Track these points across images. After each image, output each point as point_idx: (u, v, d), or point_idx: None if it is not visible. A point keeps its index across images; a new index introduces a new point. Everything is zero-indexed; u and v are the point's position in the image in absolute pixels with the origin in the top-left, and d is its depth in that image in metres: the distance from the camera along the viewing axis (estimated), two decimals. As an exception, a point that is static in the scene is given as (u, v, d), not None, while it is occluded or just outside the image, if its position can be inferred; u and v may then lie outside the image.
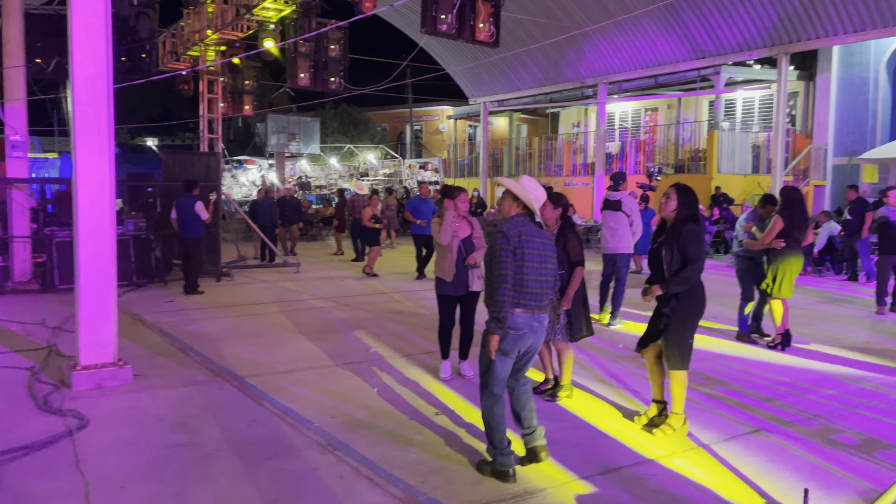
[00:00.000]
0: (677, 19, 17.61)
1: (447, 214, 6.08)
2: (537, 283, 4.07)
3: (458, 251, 6.03)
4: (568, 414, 5.30)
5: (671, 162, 20.56)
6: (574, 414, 5.29)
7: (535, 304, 4.09)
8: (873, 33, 15.31)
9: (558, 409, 5.39)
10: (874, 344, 7.69)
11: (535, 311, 4.09)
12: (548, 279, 4.13)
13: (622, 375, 6.37)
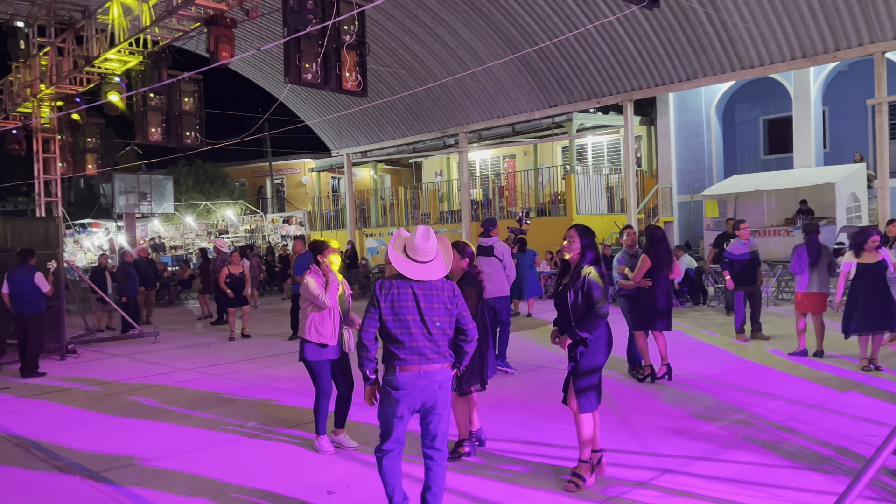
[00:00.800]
0: (529, 70, 18.42)
1: (329, 273, 5.70)
2: (417, 337, 3.89)
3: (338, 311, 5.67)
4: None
5: (533, 206, 21.23)
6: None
7: (420, 360, 3.91)
8: (704, 81, 16.75)
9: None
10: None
11: (420, 368, 3.89)
12: (432, 333, 3.91)
13: (542, 431, 6.17)
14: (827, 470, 4.72)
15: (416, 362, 3.88)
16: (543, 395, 7.11)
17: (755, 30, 15.07)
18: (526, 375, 8.24)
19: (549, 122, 20.96)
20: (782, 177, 18.88)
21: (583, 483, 4.62)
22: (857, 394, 6.73)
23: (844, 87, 20.47)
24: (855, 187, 17.82)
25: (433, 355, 3.90)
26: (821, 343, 8.62)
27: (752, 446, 5.29)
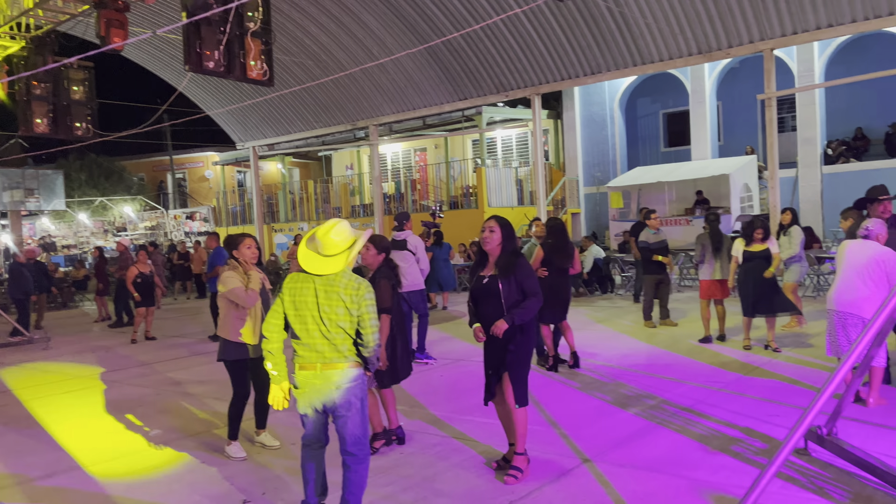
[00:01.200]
0: (439, 63, 18.37)
1: (249, 269, 5.44)
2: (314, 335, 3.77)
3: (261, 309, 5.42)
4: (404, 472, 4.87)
5: (445, 199, 21.25)
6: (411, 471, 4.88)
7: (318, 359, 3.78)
8: (608, 75, 17.17)
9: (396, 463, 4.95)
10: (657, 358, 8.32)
11: (321, 368, 3.76)
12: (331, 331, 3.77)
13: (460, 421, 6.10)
14: (736, 451, 4.89)
15: (315, 361, 3.77)
16: (463, 388, 7.07)
17: (655, 26, 15.58)
18: (443, 369, 8.18)
19: (459, 116, 21.01)
20: (681, 168, 19.70)
21: (521, 475, 4.60)
22: (760, 378, 7.04)
23: (736, 83, 21.56)
24: (747, 178, 18.80)
25: (332, 354, 3.76)
26: (723, 327, 9.00)
27: (666, 431, 5.43)
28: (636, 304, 12.39)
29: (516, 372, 4.66)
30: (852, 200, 16.75)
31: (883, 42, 18.67)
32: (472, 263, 5.00)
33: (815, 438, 4.56)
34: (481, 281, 4.73)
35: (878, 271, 5.58)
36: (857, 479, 4.23)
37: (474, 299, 4.78)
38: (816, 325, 9.58)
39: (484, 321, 4.68)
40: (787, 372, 7.12)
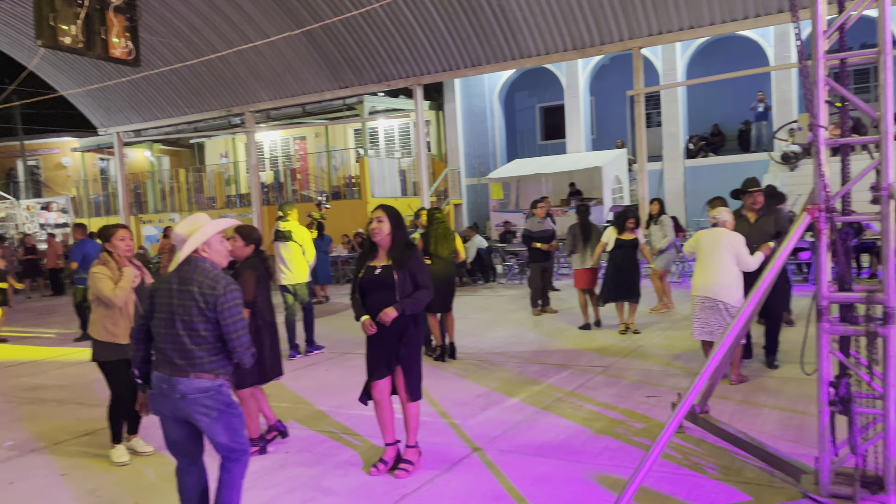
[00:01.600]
0: (318, 50, 17.92)
1: (123, 264, 5.02)
2: (165, 339, 3.39)
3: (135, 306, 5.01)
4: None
5: (327, 189, 20.83)
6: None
7: (166, 364, 3.40)
8: (488, 68, 17.44)
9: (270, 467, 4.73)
10: (545, 345, 8.53)
11: (169, 373, 3.37)
12: (180, 335, 3.36)
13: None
14: (618, 433, 5.08)
15: (164, 365, 3.39)
16: (351, 382, 6.92)
17: (532, 21, 15.96)
18: (330, 363, 8.00)
19: (340, 104, 20.64)
20: (557, 161, 20.37)
21: (413, 468, 4.54)
22: (636, 360, 7.38)
23: (607, 79, 22.53)
24: (618, 170, 19.73)
25: (180, 361, 3.35)
26: (597, 313, 9.38)
27: (552, 416, 5.55)
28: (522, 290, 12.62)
29: (411, 365, 4.59)
30: (711, 191, 17.94)
31: (737, 45, 20.11)
32: (359, 254, 4.79)
33: (690, 417, 4.81)
34: (373, 272, 4.58)
35: (728, 255, 6.00)
36: (728, 454, 4.50)
37: (363, 291, 4.63)
38: (683, 308, 10.19)
39: (374, 313, 4.53)
40: (660, 354, 7.51)
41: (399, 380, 4.58)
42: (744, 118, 20.78)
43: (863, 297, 3.29)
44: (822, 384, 3.41)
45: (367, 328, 4.53)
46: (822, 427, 3.43)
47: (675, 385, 6.21)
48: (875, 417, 3.38)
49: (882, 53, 3.14)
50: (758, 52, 19.62)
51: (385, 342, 4.53)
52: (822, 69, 3.24)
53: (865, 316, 3.31)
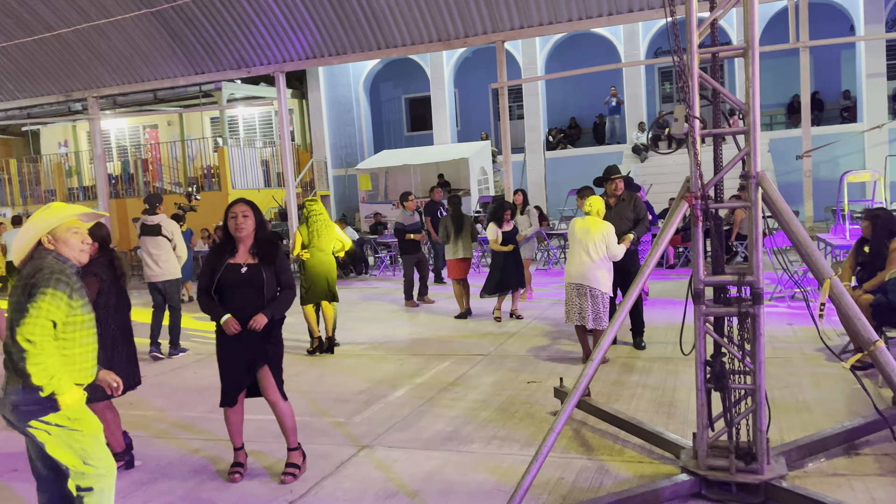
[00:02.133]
0: (171, 33, 16.83)
1: None
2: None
3: None
4: (148, 493, 4.29)
5: (183, 180, 19.66)
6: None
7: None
8: (353, 57, 17.14)
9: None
10: (418, 335, 8.48)
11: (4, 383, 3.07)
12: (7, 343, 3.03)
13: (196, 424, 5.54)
14: (505, 420, 5.13)
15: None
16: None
17: (398, 11, 15.87)
18: (197, 366, 7.54)
19: (196, 91, 19.53)
20: (425, 152, 20.46)
21: (299, 471, 4.35)
22: (512, 346, 7.52)
23: (470, 72, 22.89)
24: (483, 162, 20.13)
25: (7, 371, 3.03)
26: (468, 302, 9.48)
27: (437, 408, 5.52)
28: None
29: (278, 365, 4.37)
30: (571, 182, 18.55)
31: (592, 42, 21.10)
32: (212, 250, 4.42)
33: (573, 400, 4.94)
34: (237, 270, 4.27)
35: (600, 243, 6.25)
36: (610, 435, 4.66)
37: (222, 289, 4.27)
38: (550, 294, 10.55)
39: (237, 313, 4.22)
40: (535, 339, 7.70)
41: (268, 380, 4.30)
42: (598, 112, 21.87)
43: (735, 280, 3.50)
44: (699, 363, 3.59)
45: (231, 327, 4.20)
46: (699, 404, 3.62)
47: (552, 370, 6.38)
48: (746, 392, 3.61)
49: (750, 48, 3.33)
50: (611, 50, 20.69)
51: (247, 344, 4.24)
52: (695, 62, 3.39)
53: (737, 297, 3.52)
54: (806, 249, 3.28)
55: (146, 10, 15.40)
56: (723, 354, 3.60)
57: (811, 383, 5.40)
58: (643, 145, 19.77)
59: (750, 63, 3.32)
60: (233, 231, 4.27)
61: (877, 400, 4.81)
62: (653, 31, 20.39)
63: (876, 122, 17.67)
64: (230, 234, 4.30)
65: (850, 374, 5.62)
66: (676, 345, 6.99)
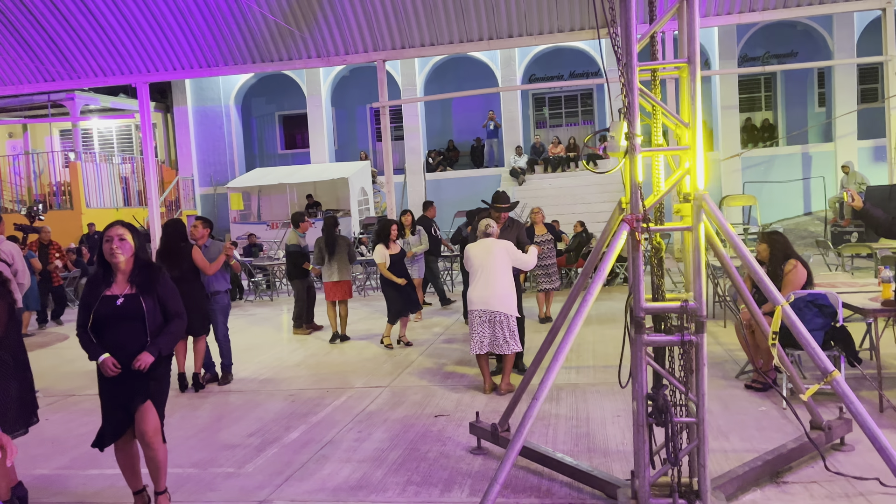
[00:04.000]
0: (17, 36, 15.17)
1: None
2: None
3: None
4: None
5: (27, 198, 17.72)
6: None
7: None
8: (224, 69, 16.25)
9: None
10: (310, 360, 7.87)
11: None
12: None
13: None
14: (419, 462, 4.70)
15: None
16: (81, 433, 5.63)
17: (274, 25, 15.20)
18: (49, 409, 6.50)
19: (44, 100, 17.73)
20: (302, 171, 19.72)
21: None
22: (413, 376, 7.10)
23: (348, 91, 22.44)
24: (363, 182, 19.69)
25: None
26: (345, 327, 9.01)
27: (340, 450, 4.99)
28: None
29: (161, 403, 3.89)
30: (451, 203, 18.59)
31: (470, 65, 21.31)
32: (89, 279, 3.88)
33: (492, 436, 4.61)
34: (113, 303, 3.74)
35: (503, 264, 6.02)
36: (534, 473, 4.36)
37: (99, 325, 3.73)
38: (441, 319, 10.27)
39: (116, 351, 3.71)
40: (434, 369, 7.31)
41: (148, 419, 3.77)
42: (476, 135, 22.08)
43: (677, 307, 3.32)
44: (639, 397, 3.37)
45: (108, 369, 3.68)
46: (640, 440, 3.39)
47: (458, 401, 6.04)
48: (688, 426, 3.43)
49: (692, 63, 3.18)
50: (488, 74, 20.99)
51: (128, 381, 3.74)
52: (636, 78, 3.20)
53: (679, 325, 3.33)
54: (757, 276, 3.15)
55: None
56: (664, 387, 3.40)
57: (719, 407, 5.39)
58: (521, 169, 20.12)
59: (691, 79, 3.17)
60: (108, 257, 3.71)
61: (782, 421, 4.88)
62: (529, 57, 20.91)
63: (730, 151, 19.03)
64: (105, 262, 3.70)
65: (753, 395, 5.71)
66: (579, 370, 6.88)
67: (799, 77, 20.24)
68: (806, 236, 16.46)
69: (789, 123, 20.47)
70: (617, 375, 3.64)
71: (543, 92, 22.61)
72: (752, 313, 3.59)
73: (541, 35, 15.22)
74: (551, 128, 22.89)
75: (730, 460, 4.29)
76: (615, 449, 4.70)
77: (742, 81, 19.95)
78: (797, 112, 20.43)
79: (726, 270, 3.59)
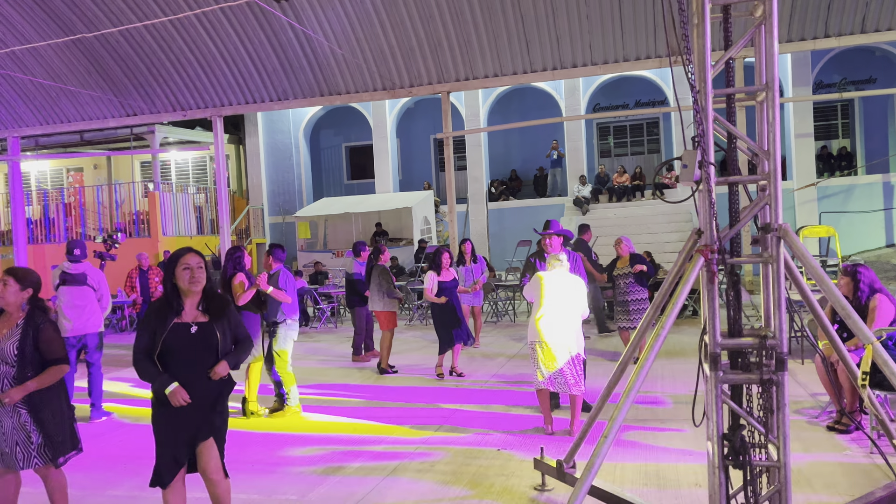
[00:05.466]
0: (101, 72, 16.05)
1: None
2: None
3: None
4: None
5: (108, 227, 18.56)
6: None
7: None
8: (294, 103, 16.74)
9: None
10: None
11: None
12: None
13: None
14: (482, 495, 4.60)
15: None
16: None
17: (343, 59, 15.60)
18: (121, 432, 6.70)
19: (126, 133, 18.63)
20: (367, 201, 20.02)
21: None
22: (475, 408, 7.01)
23: (413, 122, 22.79)
24: (426, 211, 19.83)
25: None
26: (385, 359, 8.88)
27: (403, 480, 4.94)
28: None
29: (222, 438, 3.81)
30: (513, 233, 18.43)
31: (534, 95, 21.36)
32: (152, 307, 3.78)
33: (558, 474, 4.48)
34: (186, 330, 3.68)
35: (578, 300, 5.84)
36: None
37: (165, 353, 3.65)
38: (496, 346, 10.15)
39: (183, 380, 3.63)
40: (497, 400, 7.21)
41: (210, 454, 3.72)
42: (538, 164, 22.02)
43: (755, 343, 3.16)
44: (715, 437, 3.20)
45: (178, 398, 3.59)
46: (718, 482, 3.21)
47: (521, 437, 5.91)
48: (768, 469, 3.24)
49: (770, 90, 3.07)
50: (552, 103, 20.97)
51: (194, 413, 3.66)
52: (710, 103, 3.10)
53: (758, 362, 3.17)
54: (844, 311, 2.98)
55: (67, 38, 14.61)
56: (742, 427, 3.23)
57: (799, 449, 5.10)
58: (584, 198, 19.92)
59: (770, 106, 3.06)
60: (185, 285, 3.69)
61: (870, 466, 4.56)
62: (593, 87, 20.80)
63: (805, 180, 18.36)
64: (176, 289, 3.73)
65: (836, 438, 5.39)
66: (647, 406, 6.65)
67: (878, 103, 19.45)
68: (889, 269, 15.64)
69: (869, 151, 19.65)
70: (690, 413, 3.48)
71: (608, 121, 22.41)
72: (837, 351, 3.39)
73: (605, 64, 15.12)
74: (616, 157, 22.63)
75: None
76: (687, 491, 4.49)
77: (817, 109, 19.30)
78: (877, 140, 19.59)
79: (808, 305, 3.41)
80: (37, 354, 3.93)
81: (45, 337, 3.95)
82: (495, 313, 13.77)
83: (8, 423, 3.88)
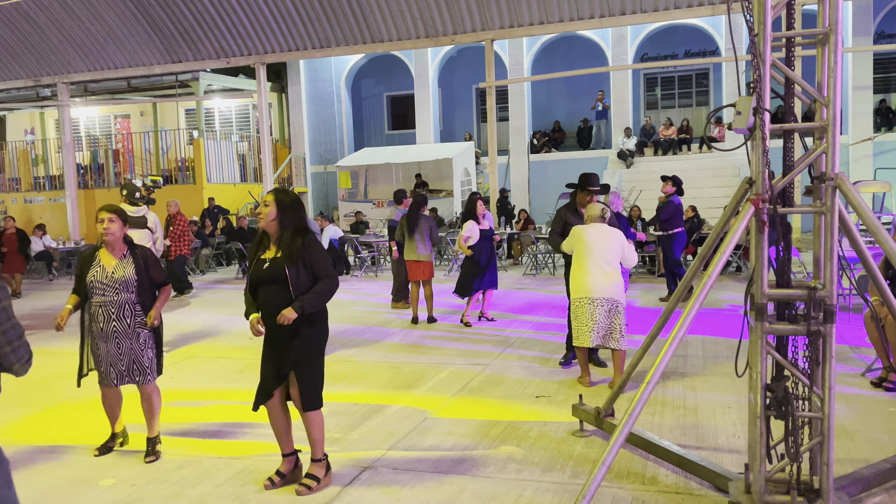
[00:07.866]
0: (148, 18, 16.15)
1: None
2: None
3: None
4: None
5: (156, 172, 18.94)
6: None
7: None
8: (337, 50, 16.65)
9: None
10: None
11: None
12: None
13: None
14: (519, 441, 4.69)
15: None
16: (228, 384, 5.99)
17: (385, 6, 15.39)
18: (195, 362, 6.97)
19: (172, 80, 18.83)
20: (408, 151, 19.99)
21: (317, 484, 3.98)
22: (511, 358, 7.08)
23: (454, 72, 22.50)
24: (467, 163, 19.73)
25: None
26: (430, 309, 8.88)
27: (442, 422, 5.06)
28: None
29: (304, 369, 3.92)
30: (554, 186, 18.18)
31: (580, 45, 20.83)
32: (253, 242, 4.09)
33: (595, 420, 4.53)
34: (261, 266, 3.93)
35: (618, 251, 5.79)
36: (639, 460, 4.26)
37: (253, 286, 3.96)
38: (521, 299, 10.18)
39: (265, 310, 3.88)
40: (533, 350, 7.26)
41: (292, 388, 3.95)
42: (582, 116, 21.61)
43: (804, 294, 3.11)
44: (758, 387, 3.19)
45: (254, 329, 3.91)
46: (758, 433, 3.22)
47: (562, 383, 5.97)
48: (810, 421, 3.23)
49: (833, 33, 2.95)
50: (598, 53, 20.44)
51: (277, 344, 3.91)
52: (769, 47, 3.00)
53: (806, 314, 3.13)
54: (900, 263, 2.91)
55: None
56: (786, 378, 3.21)
57: (842, 405, 5.05)
58: (629, 151, 19.55)
59: (833, 51, 2.94)
60: (259, 221, 3.98)
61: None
62: (641, 36, 20.19)
63: (861, 135, 17.68)
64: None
65: (881, 395, 5.32)
66: (686, 358, 6.63)
67: (944, 55, 18.50)
68: (945, 229, 15.09)
69: (931, 106, 18.77)
70: (732, 366, 3.47)
71: (656, 72, 21.79)
72: (888, 306, 3.32)
73: (655, 12, 14.63)
74: (663, 109, 22.06)
75: (854, 462, 4.01)
76: (725, 442, 4.51)
77: (877, 60, 18.44)
78: (940, 94, 18.71)
79: (862, 259, 3.33)
80: (147, 279, 4.44)
81: (153, 262, 4.50)
82: (535, 266, 13.75)
83: (126, 343, 4.38)
